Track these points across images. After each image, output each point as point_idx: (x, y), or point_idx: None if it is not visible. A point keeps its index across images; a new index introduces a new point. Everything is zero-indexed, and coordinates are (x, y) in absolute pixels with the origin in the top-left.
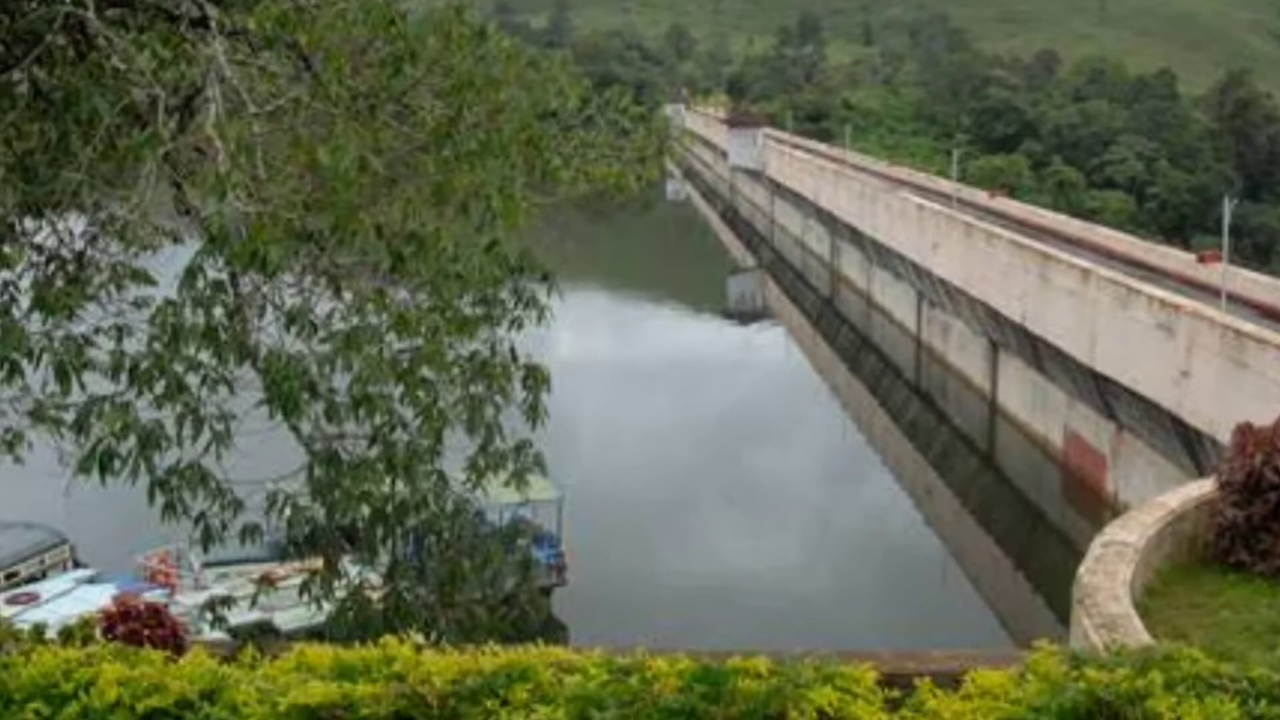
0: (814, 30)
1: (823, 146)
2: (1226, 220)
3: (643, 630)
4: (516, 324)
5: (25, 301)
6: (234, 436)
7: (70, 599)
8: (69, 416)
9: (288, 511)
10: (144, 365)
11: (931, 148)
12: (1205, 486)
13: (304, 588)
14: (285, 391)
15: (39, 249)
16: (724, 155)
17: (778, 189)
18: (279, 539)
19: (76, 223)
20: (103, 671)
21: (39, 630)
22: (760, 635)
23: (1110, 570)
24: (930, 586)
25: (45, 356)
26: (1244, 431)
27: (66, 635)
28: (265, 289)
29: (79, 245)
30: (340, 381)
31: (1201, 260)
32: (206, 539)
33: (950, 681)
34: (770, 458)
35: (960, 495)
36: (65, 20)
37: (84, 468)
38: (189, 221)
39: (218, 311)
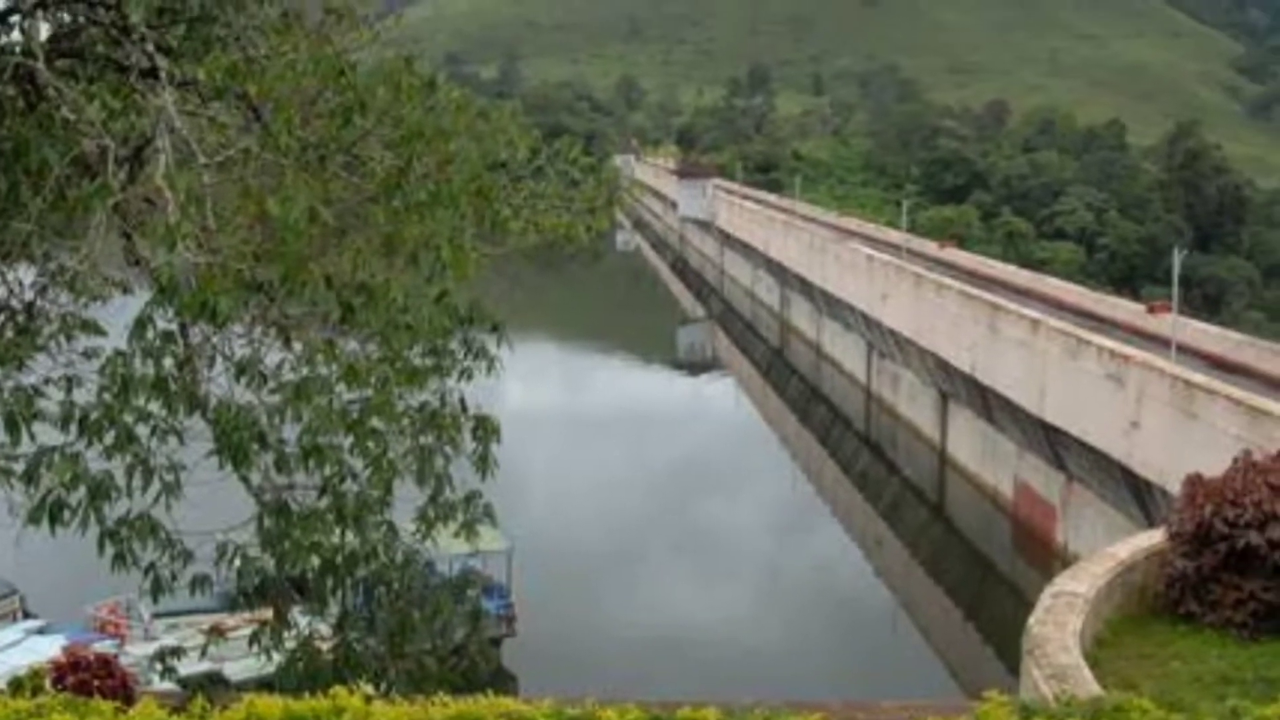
0: (763, 81)
1: (772, 197)
2: (1176, 271)
3: (592, 681)
4: (466, 375)
5: None
6: (184, 487)
7: (20, 650)
8: (19, 467)
9: (237, 562)
10: (94, 416)
11: (881, 198)
12: (1155, 537)
13: (254, 638)
14: (235, 442)
15: None
16: (674, 206)
17: (727, 240)
18: (229, 590)
19: (26, 273)
20: None
21: None
22: (710, 685)
23: (1060, 621)
24: (880, 637)
25: None
26: (1194, 482)
27: (16, 686)
28: (215, 339)
29: (29, 296)
30: (290, 432)
31: (1151, 311)
32: (156, 590)
33: None
34: (720, 508)
35: (910, 546)
36: (15, 71)
37: (34, 518)
38: (139, 272)
39: (167, 362)
